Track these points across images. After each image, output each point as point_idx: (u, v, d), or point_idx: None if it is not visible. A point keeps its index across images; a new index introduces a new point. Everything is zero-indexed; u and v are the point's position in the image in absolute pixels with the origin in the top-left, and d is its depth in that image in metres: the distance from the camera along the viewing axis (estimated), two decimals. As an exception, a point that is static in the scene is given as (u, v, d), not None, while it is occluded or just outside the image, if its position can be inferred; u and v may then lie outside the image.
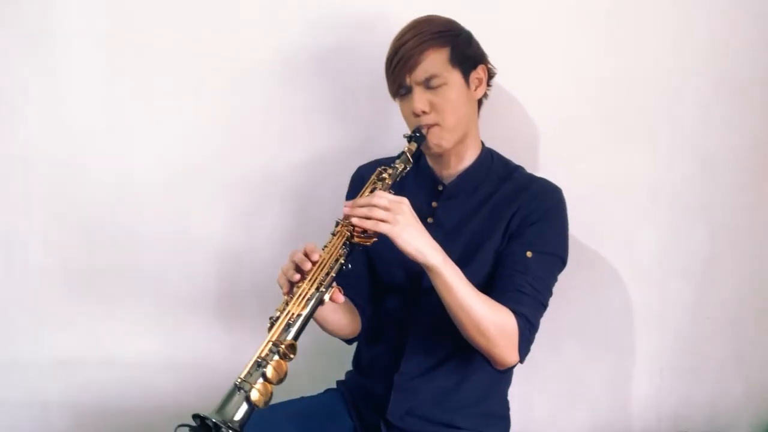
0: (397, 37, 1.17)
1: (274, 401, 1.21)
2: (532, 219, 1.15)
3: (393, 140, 1.26)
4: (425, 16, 1.19)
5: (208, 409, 0.86)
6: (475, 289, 1.06)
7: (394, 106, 1.25)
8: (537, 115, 1.44)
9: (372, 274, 1.28)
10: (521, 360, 1.11)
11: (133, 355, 1.62)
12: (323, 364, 1.47)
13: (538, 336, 1.49)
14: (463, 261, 1.12)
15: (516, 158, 1.28)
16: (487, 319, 1.05)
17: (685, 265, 1.47)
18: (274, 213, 1.53)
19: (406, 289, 1.21)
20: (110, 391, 1.64)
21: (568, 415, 1.54)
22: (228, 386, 0.88)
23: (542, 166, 1.37)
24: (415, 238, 1.01)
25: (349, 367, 1.35)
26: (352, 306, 1.26)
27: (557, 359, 1.52)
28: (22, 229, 1.59)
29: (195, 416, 0.86)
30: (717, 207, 1.45)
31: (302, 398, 1.28)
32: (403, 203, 1.02)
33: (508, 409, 1.29)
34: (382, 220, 0.99)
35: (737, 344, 1.50)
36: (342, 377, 1.35)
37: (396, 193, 1.23)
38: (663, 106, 1.42)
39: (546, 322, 1.49)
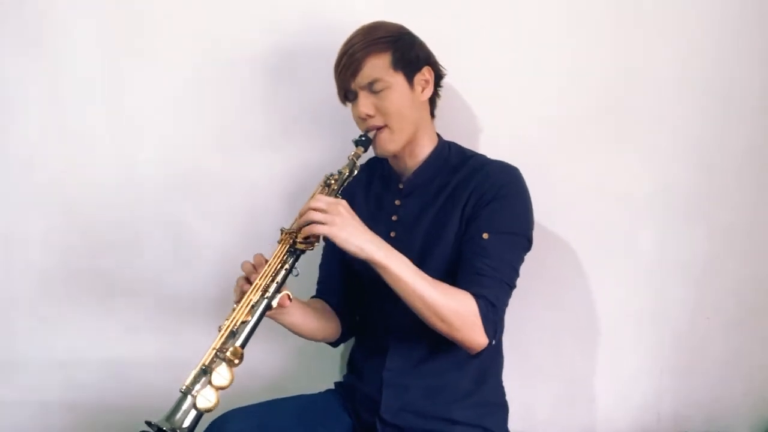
0: (343, 44, 1.20)
1: (273, 397, 1.23)
2: (485, 200, 1.16)
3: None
4: (372, 23, 1.21)
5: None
6: (427, 277, 1.07)
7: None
8: (536, 115, 1.44)
9: (346, 275, 1.31)
10: (491, 341, 1.10)
11: (133, 355, 1.62)
12: (321, 367, 1.48)
13: (538, 335, 1.50)
14: (424, 251, 1.16)
15: (515, 159, 1.28)
16: (443, 304, 1.06)
17: (685, 265, 1.47)
18: (274, 214, 1.53)
19: (381, 286, 1.22)
20: (110, 392, 1.64)
21: (568, 415, 1.55)
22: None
23: (541, 167, 1.36)
24: (353, 236, 1.03)
25: (345, 369, 1.36)
26: (326, 309, 1.29)
27: (557, 359, 1.52)
28: (22, 229, 1.59)
29: (147, 423, 0.91)
30: (717, 207, 1.45)
31: (301, 395, 1.29)
32: (340, 204, 1.05)
33: (503, 395, 1.29)
34: (319, 223, 1.02)
35: (737, 344, 1.50)
36: (340, 379, 1.36)
37: (363, 196, 1.28)
38: (662, 105, 1.42)
39: (546, 321, 1.50)
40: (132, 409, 1.62)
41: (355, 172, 1.17)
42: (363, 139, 1.19)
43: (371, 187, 1.31)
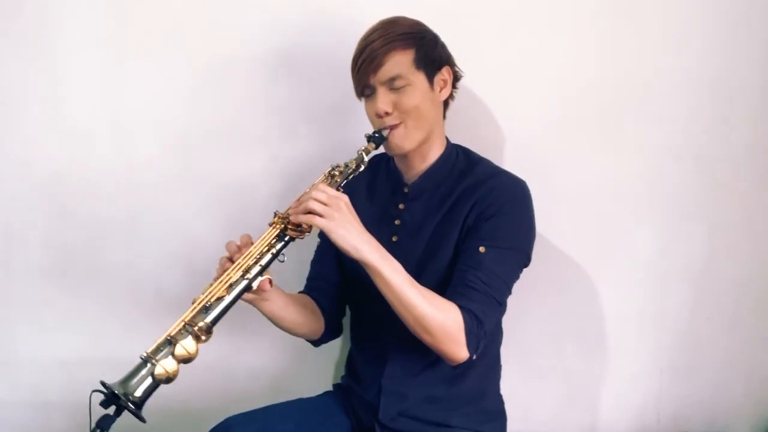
0: (363, 37, 1.17)
1: (272, 401, 1.23)
2: (487, 214, 1.13)
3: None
4: (392, 17, 1.18)
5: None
6: (418, 286, 1.05)
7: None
8: (535, 116, 1.44)
9: (339, 277, 1.29)
10: (471, 356, 1.07)
11: (133, 355, 1.60)
12: (321, 369, 1.48)
13: (538, 335, 1.50)
14: (425, 259, 1.13)
15: (514, 160, 1.28)
16: (429, 315, 1.03)
17: (685, 265, 1.47)
18: (273, 213, 1.53)
19: (379, 294, 1.20)
20: (110, 391, 1.64)
21: (567, 415, 1.55)
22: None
23: (541, 168, 1.37)
24: (350, 234, 1.00)
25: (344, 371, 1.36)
26: (311, 305, 1.26)
27: (557, 359, 1.52)
28: (22, 229, 1.59)
29: (102, 383, 0.92)
30: (716, 207, 1.45)
31: (301, 399, 1.29)
32: (342, 199, 1.02)
33: (502, 403, 1.30)
34: (318, 214, 0.99)
35: (737, 344, 1.50)
36: (338, 380, 1.36)
37: (364, 195, 1.23)
38: (662, 105, 1.42)
39: (546, 321, 1.50)
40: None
41: (362, 168, 1.12)
42: (376, 135, 1.14)
43: (374, 187, 1.28)
